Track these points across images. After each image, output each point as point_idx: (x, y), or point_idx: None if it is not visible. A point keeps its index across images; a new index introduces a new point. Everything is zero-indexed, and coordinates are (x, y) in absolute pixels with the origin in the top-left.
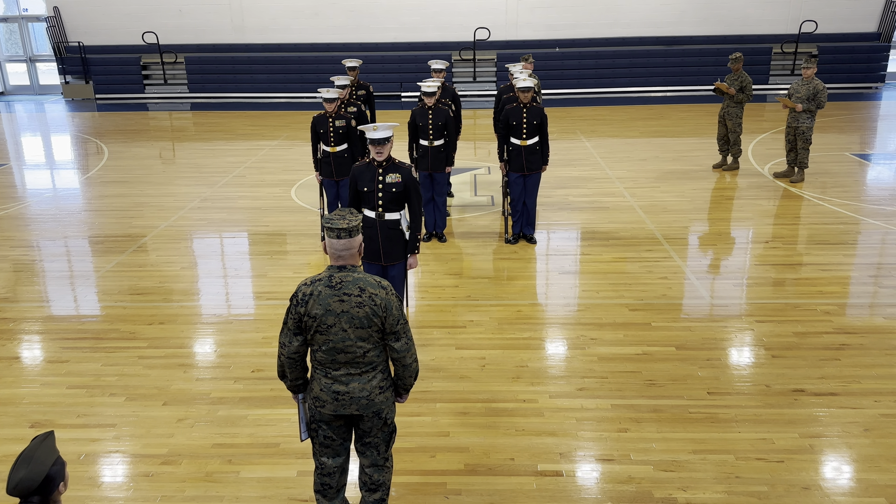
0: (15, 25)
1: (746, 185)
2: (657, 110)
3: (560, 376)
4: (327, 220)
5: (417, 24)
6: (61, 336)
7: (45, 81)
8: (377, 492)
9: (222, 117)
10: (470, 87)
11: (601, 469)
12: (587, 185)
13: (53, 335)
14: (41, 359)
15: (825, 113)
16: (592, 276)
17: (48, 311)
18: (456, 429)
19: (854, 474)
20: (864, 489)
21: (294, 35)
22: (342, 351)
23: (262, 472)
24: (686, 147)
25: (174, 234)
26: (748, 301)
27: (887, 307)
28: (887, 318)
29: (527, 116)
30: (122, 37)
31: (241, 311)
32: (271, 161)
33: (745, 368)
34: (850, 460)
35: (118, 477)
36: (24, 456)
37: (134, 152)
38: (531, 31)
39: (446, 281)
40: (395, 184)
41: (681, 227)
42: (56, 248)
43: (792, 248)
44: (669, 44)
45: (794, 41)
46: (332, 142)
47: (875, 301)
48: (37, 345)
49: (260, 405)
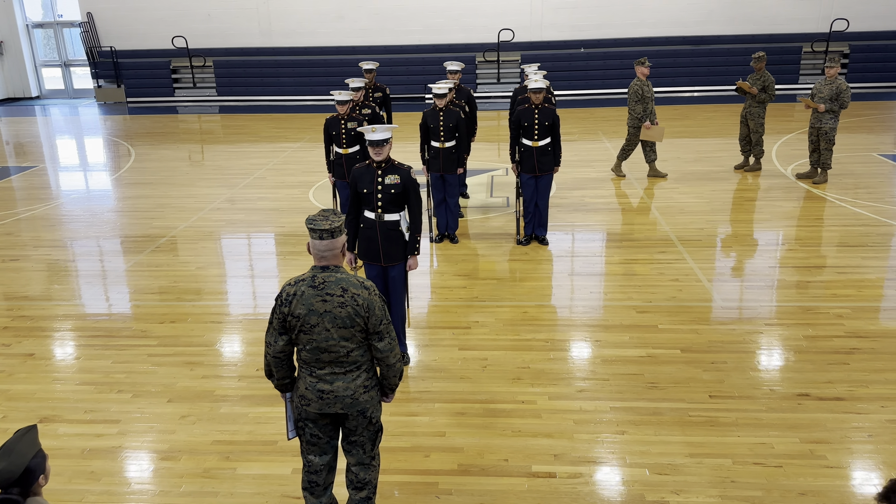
0: (51, 31)
1: (768, 186)
2: (682, 111)
3: (561, 378)
4: (310, 221)
5: (442, 27)
6: (75, 334)
7: (79, 85)
8: (363, 490)
9: (249, 120)
10: (494, 88)
11: (595, 471)
12: (604, 186)
13: (68, 333)
14: (54, 356)
15: (854, 113)
16: (602, 278)
17: (64, 309)
18: (452, 429)
19: (854, 481)
20: (862, 496)
21: (320, 38)
22: (326, 350)
23: (258, 469)
24: (709, 148)
25: (192, 234)
26: (760, 304)
27: None
28: None
29: (538, 117)
30: (152, 41)
31: (251, 311)
32: (292, 163)
33: (750, 372)
34: (851, 466)
35: (118, 472)
36: (5, 448)
37: (160, 154)
38: (556, 32)
39: (455, 282)
40: (395, 185)
41: (696, 228)
42: (77, 248)
43: (810, 251)
44: (696, 43)
45: (825, 40)
46: (345, 143)
47: (891, 305)
48: (51, 342)
49: (261, 403)
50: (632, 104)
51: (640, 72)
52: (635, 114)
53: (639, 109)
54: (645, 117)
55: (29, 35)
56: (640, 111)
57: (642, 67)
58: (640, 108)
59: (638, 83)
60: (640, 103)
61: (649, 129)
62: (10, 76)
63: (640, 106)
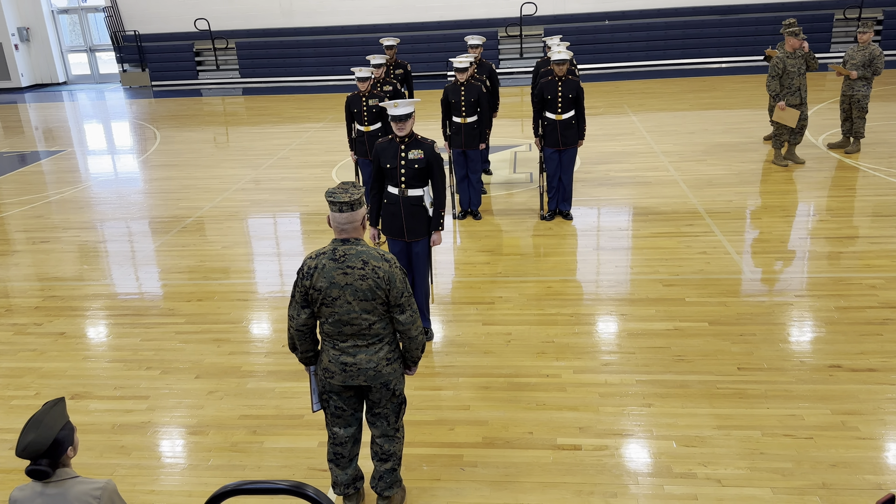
0: (76, 17)
1: (799, 156)
2: (710, 82)
3: (586, 352)
4: (329, 194)
5: (463, 2)
6: (105, 313)
7: (104, 70)
8: (388, 461)
9: (272, 101)
10: (517, 63)
11: (621, 444)
12: (630, 159)
13: (97, 312)
14: (84, 334)
15: (887, 80)
16: (628, 252)
17: (94, 289)
18: (477, 403)
19: (888, 452)
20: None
21: (341, 17)
22: (348, 323)
23: (284, 442)
24: (738, 119)
25: (218, 215)
26: (790, 276)
27: None
28: None
29: (562, 90)
30: (175, 24)
31: (277, 289)
32: (315, 143)
33: (779, 344)
34: (884, 438)
35: (148, 446)
36: (34, 420)
37: (185, 137)
38: (579, 4)
39: (479, 258)
40: (418, 160)
41: (725, 200)
42: (105, 229)
43: (842, 221)
44: (725, 13)
45: (858, 6)
46: (366, 121)
47: None
48: (81, 321)
49: (287, 378)
50: (768, 79)
51: (788, 43)
52: (770, 91)
53: (774, 86)
54: (780, 96)
55: (55, 21)
56: (774, 88)
57: (792, 38)
58: (775, 84)
59: (781, 55)
60: (776, 79)
61: (783, 110)
62: (37, 62)
63: (776, 82)
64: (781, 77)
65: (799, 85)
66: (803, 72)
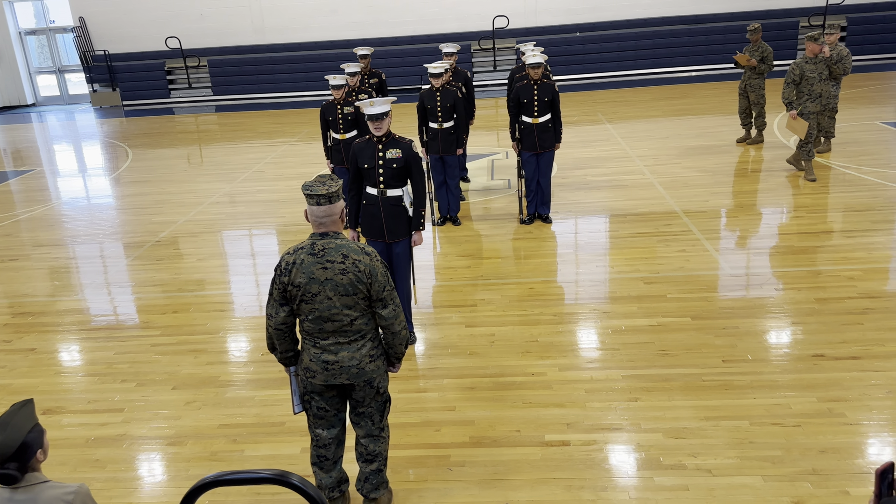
0: (44, 38)
1: (771, 157)
2: (681, 90)
3: (570, 350)
4: (306, 187)
5: (436, 16)
6: (77, 328)
7: (74, 91)
8: (374, 462)
9: (246, 117)
10: (490, 76)
11: (609, 438)
12: (606, 164)
13: (69, 327)
14: (56, 350)
15: (854, 84)
16: (608, 252)
17: (65, 304)
18: (462, 403)
19: (874, 436)
20: (884, 451)
21: (314, 33)
22: (329, 319)
23: (266, 450)
24: (710, 124)
25: (192, 228)
26: (769, 270)
27: None
28: None
29: (538, 94)
30: (146, 43)
31: (254, 299)
32: (291, 156)
33: (762, 336)
34: (871, 423)
35: (124, 459)
36: (1, 422)
37: (157, 154)
38: (550, 17)
39: (459, 262)
40: (396, 159)
41: (701, 201)
42: (76, 245)
43: (817, 217)
44: (693, 22)
45: (822, 13)
46: (342, 129)
47: None
48: (53, 336)
49: (268, 386)
50: (783, 86)
51: (809, 48)
52: (783, 98)
53: (787, 93)
54: (795, 104)
55: (22, 42)
56: (788, 95)
57: (811, 43)
58: (789, 91)
59: (799, 61)
60: (791, 86)
61: (795, 119)
62: (5, 84)
63: (791, 89)
64: (800, 83)
65: (820, 91)
66: (825, 77)
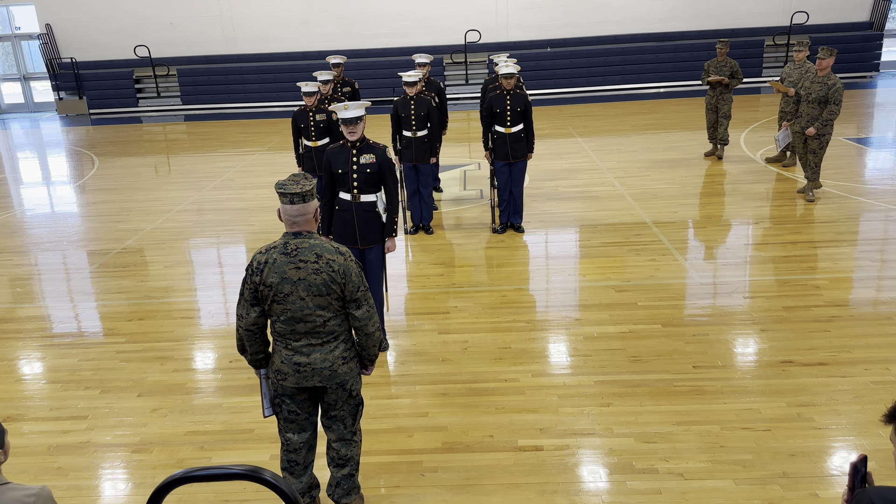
0: (9, 44)
1: (738, 170)
2: (650, 105)
3: (543, 356)
4: (280, 186)
5: (408, 30)
6: (39, 335)
7: (39, 99)
8: (345, 467)
9: (215, 127)
10: (462, 89)
11: (582, 443)
12: (577, 176)
13: (31, 334)
14: (16, 357)
15: None
16: (579, 261)
17: (27, 311)
18: (435, 409)
19: (842, 440)
20: (852, 454)
21: (285, 44)
22: (301, 320)
23: (234, 457)
24: (678, 139)
25: (159, 235)
26: (738, 279)
27: (878, 279)
28: (878, 290)
29: (510, 103)
30: (114, 51)
31: (221, 306)
32: (261, 165)
33: (732, 342)
34: (839, 427)
35: (87, 466)
36: None
37: (124, 161)
38: (522, 32)
39: (432, 270)
40: (370, 164)
41: (670, 212)
42: (39, 252)
43: (783, 227)
44: (661, 40)
45: (786, 33)
46: (314, 136)
47: (866, 275)
48: (13, 343)
49: (236, 393)
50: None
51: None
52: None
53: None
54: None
55: None
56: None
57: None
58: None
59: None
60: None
61: (785, 129)
62: None
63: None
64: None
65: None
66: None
